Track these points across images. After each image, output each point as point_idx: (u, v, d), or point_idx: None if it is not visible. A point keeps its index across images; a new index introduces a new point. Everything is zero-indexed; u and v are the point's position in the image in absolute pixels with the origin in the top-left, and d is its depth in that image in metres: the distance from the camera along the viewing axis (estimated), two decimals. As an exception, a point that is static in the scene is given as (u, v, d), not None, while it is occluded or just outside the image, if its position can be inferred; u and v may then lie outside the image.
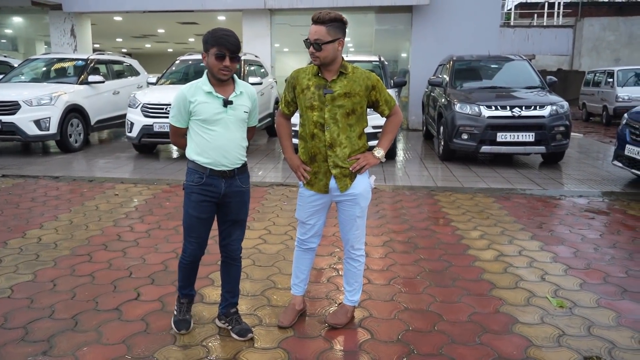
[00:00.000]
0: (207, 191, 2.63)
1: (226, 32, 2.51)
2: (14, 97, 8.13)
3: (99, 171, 7.31)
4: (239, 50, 2.53)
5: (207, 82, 2.58)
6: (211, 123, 2.57)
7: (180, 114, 2.61)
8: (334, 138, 2.65)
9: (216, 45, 2.48)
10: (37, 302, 3.21)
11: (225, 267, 2.87)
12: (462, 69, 9.15)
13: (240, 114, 2.63)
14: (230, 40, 2.49)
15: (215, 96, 2.56)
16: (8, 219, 4.96)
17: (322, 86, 2.64)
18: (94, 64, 9.82)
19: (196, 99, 2.56)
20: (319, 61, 2.60)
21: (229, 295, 2.88)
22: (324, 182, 2.74)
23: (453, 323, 2.98)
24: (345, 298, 2.99)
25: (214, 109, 2.56)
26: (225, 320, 2.87)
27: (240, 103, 2.63)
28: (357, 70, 2.69)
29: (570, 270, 3.79)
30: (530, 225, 4.88)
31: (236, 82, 2.66)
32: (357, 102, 2.65)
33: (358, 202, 2.76)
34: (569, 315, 3.08)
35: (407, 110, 12.96)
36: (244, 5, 12.31)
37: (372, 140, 7.71)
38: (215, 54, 2.48)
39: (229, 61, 2.50)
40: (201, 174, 2.61)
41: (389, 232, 4.67)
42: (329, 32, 2.53)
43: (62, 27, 13.35)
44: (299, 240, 2.95)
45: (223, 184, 2.64)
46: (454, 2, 12.25)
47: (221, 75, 2.53)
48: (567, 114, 7.57)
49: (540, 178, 6.98)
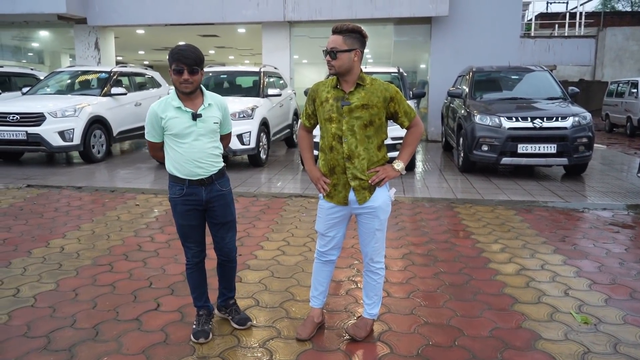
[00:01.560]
0: (190, 200, 2.75)
1: (182, 47, 2.60)
2: (40, 109, 8.33)
3: (120, 182, 7.42)
4: (197, 63, 2.61)
5: (175, 97, 2.69)
6: (182, 137, 2.67)
7: (154, 129, 2.71)
8: (351, 150, 2.64)
9: (174, 61, 2.58)
10: (59, 311, 3.25)
11: (222, 268, 3.02)
12: (482, 80, 9.09)
13: (210, 126, 2.72)
14: (186, 54, 2.58)
15: (184, 110, 2.66)
16: (32, 228, 5.06)
17: (340, 98, 2.64)
18: (116, 76, 10.02)
19: (166, 114, 2.66)
20: (334, 70, 2.61)
21: (226, 291, 3.06)
22: (343, 194, 2.73)
23: (474, 338, 2.93)
24: (365, 311, 2.96)
25: (184, 123, 2.66)
26: (225, 311, 3.07)
27: (210, 115, 2.72)
28: (375, 82, 2.68)
29: (595, 285, 3.71)
30: (553, 239, 4.79)
31: (204, 94, 2.75)
32: (375, 113, 2.63)
33: (377, 215, 2.74)
34: (594, 332, 3.00)
35: (426, 122, 12.90)
36: (264, 18, 12.45)
37: (392, 151, 7.71)
38: (174, 69, 2.59)
39: (187, 74, 2.58)
40: (181, 185, 2.74)
41: (409, 244, 4.63)
42: (345, 42, 2.56)
43: (87, 40, 13.67)
44: (319, 252, 2.94)
45: (203, 191, 2.76)
46: (474, 13, 12.22)
47: (183, 89, 2.62)
48: (590, 125, 7.45)
49: (563, 190, 6.87)
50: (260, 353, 2.76)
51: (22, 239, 4.72)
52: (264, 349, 2.80)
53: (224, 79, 10.20)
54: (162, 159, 2.85)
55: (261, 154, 8.60)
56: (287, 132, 10.52)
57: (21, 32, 16.28)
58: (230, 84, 10.11)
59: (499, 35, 12.16)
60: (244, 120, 8.04)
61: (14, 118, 8.24)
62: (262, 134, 8.54)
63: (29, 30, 15.79)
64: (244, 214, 5.62)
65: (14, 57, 17.75)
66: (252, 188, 6.92)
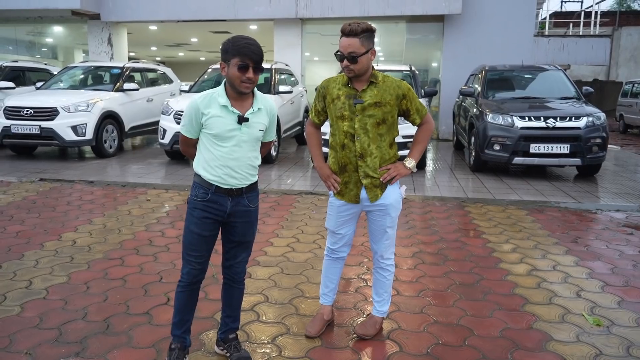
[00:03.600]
0: (212, 208, 2.41)
1: (249, 41, 2.28)
2: (53, 104, 8.41)
3: (131, 177, 7.47)
4: (262, 61, 2.33)
5: (224, 93, 2.35)
6: (222, 139, 2.35)
7: (192, 124, 2.39)
8: (364, 148, 2.63)
9: (238, 55, 2.25)
10: (71, 303, 3.28)
11: (228, 290, 2.64)
12: (495, 78, 9.02)
13: (255, 132, 2.41)
14: (254, 50, 2.27)
15: (231, 111, 2.34)
16: (45, 221, 5.11)
17: (353, 96, 2.62)
18: (129, 72, 10.08)
19: (209, 111, 2.34)
20: (353, 74, 2.56)
21: (230, 320, 2.66)
22: (354, 192, 2.72)
23: (484, 338, 2.91)
24: (374, 309, 2.96)
25: (227, 125, 2.34)
26: (223, 347, 2.67)
27: (257, 120, 2.41)
28: (387, 79, 2.66)
29: (608, 287, 3.66)
30: (565, 240, 4.74)
31: (255, 96, 2.43)
32: (388, 111, 2.62)
33: (389, 212, 2.73)
34: (607, 334, 2.97)
35: (438, 120, 12.84)
36: (276, 15, 12.46)
37: (402, 150, 7.68)
38: (238, 65, 2.25)
39: (252, 73, 2.27)
40: (206, 189, 2.40)
41: (419, 243, 4.61)
42: (362, 44, 2.50)
43: (100, 36, 13.77)
44: (329, 250, 2.93)
45: (229, 202, 2.42)
46: (487, 11, 12.13)
47: (243, 88, 2.30)
48: (604, 125, 7.37)
49: (575, 191, 6.80)
50: (269, 349, 2.76)
51: (34, 232, 4.77)
52: (273, 345, 2.81)
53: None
54: (192, 156, 2.53)
55: (272, 150, 8.60)
56: (298, 129, 10.52)
57: (35, 28, 16.43)
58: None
59: (512, 33, 12.06)
60: None
61: (27, 112, 8.33)
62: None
63: (43, 25, 15.94)
64: (254, 210, 5.63)
65: (28, 52, 17.94)
66: (262, 185, 6.93)
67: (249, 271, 3.86)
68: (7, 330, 2.92)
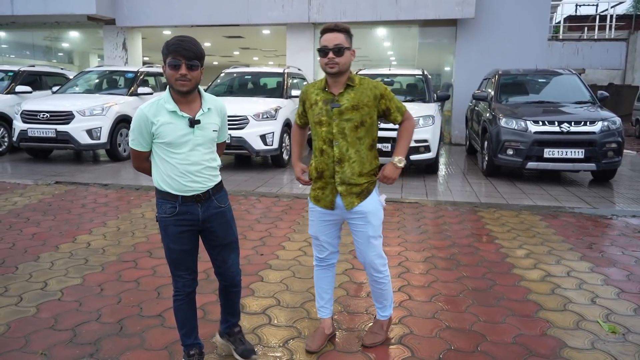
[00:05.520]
0: (184, 220, 2.35)
1: (182, 39, 2.24)
2: (69, 108, 8.53)
3: (145, 180, 7.52)
4: (197, 57, 2.24)
5: (169, 99, 2.29)
6: (177, 146, 2.28)
7: (142, 135, 2.30)
8: (342, 153, 2.59)
9: (170, 54, 2.21)
10: (85, 305, 3.32)
11: (226, 294, 2.64)
12: (508, 83, 8.96)
13: (209, 134, 2.35)
14: (185, 46, 2.21)
15: (180, 115, 2.28)
16: (60, 223, 5.17)
17: (329, 101, 2.60)
18: (143, 76, 10.19)
19: (158, 119, 2.26)
20: (337, 68, 2.53)
21: (230, 317, 2.70)
22: (330, 198, 2.67)
23: (497, 344, 2.89)
24: (378, 314, 2.94)
25: (179, 130, 2.27)
26: (228, 339, 2.72)
27: (209, 121, 2.35)
28: (364, 81, 2.64)
29: (623, 294, 3.61)
30: (580, 246, 4.69)
31: (203, 97, 2.38)
32: (366, 113, 2.59)
33: (369, 220, 2.66)
34: (622, 342, 2.92)
35: (450, 125, 12.78)
36: (288, 20, 12.51)
37: (414, 154, 7.66)
38: (170, 63, 2.21)
39: (185, 69, 2.20)
40: (173, 203, 2.34)
41: (431, 247, 4.59)
42: (346, 40, 2.55)
43: (115, 40, 13.95)
44: (318, 259, 2.86)
45: (199, 209, 2.37)
46: (500, 15, 12.06)
47: (179, 86, 2.24)
48: (620, 130, 7.28)
49: (590, 196, 6.72)
50: (280, 353, 2.76)
51: (50, 234, 4.83)
52: (285, 348, 2.81)
53: (248, 79, 10.28)
54: (147, 171, 2.45)
55: (284, 154, 8.63)
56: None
57: (52, 33, 16.70)
58: (254, 85, 10.18)
59: (526, 37, 11.97)
60: (267, 120, 8.09)
61: (44, 116, 8.46)
62: (285, 135, 8.57)
63: (59, 30, 16.19)
64: (266, 214, 5.65)
65: (45, 57, 18.22)
66: (274, 189, 6.95)
67: (261, 275, 3.87)
68: (23, 331, 2.96)
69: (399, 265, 4.13)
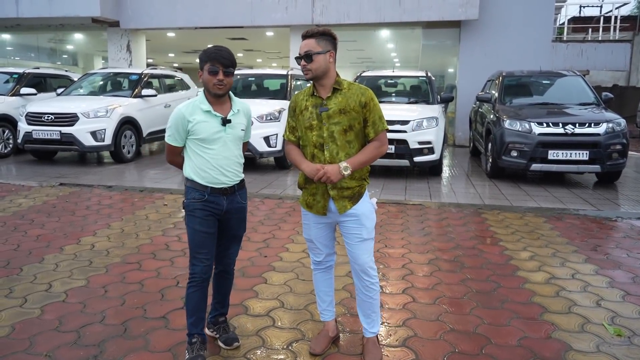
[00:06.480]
0: (210, 207, 2.62)
1: (219, 48, 2.54)
2: (73, 110, 8.57)
3: (149, 182, 7.55)
4: (232, 65, 2.55)
5: (204, 100, 2.59)
6: (210, 142, 2.57)
7: (179, 132, 2.59)
8: (333, 157, 2.57)
9: (209, 61, 2.51)
10: (89, 307, 3.32)
11: (219, 279, 2.86)
12: (512, 84, 8.94)
13: (237, 132, 2.65)
14: (223, 55, 2.52)
15: (214, 115, 2.58)
16: (64, 225, 5.19)
17: (318, 105, 2.59)
18: (147, 78, 10.22)
19: (194, 118, 2.55)
20: (311, 74, 2.54)
21: (219, 306, 2.91)
22: (322, 203, 2.65)
23: (501, 347, 2.88)
24: (365, 331, 2.78)
25: (213, 128, 2.57)
26: (213, 329, 2.90)
27: (238, 121, 2.65)
28: (352, 86, 2.62)
29: (629, 296, 3.59)
30: (584, 248, 4.67)
31: (232, 100, 2.68)
32: (354, 117, 2.56)
33: (362, 222, 2.64)
34: (628, 345, 2.91)
35: (454, 126, 12.78)
36: (292, 21, 12.53)
37: (418, 156, 7.65)
38: (209, 69, 2.51)
39: (222, 75, 2.51)
40: (202, 192, 2.61)
41: (435, 250, 4.58)
42: (318, 44, 2.53)
43: (119, 42, 14.00)
44: (316, 263, 2.86)
45: (224, 200, 2.64)
46: (504, 16, 12.05)
47: (216, 90, 2.53)
48: (624, 131, 7.25)
49: (595, 198, 6.69)
50: (284, 355, 2.76)
51: (54, 235, 4.84)
52: (289, 350, 2.81)
53: (252, 81, 10.29)
54: (179, 165, 2.75)
55: (287, 156, 8.62)
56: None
57: (56, 35, 16.78)
58: (257, 87, 10.19)
59: (530, 39, 11.96)
60: (271, 122, 8.09)
61: (48, 118, 8.49)
62: None
63: (64, 33, 16.26)
64: (269, 215, 5.65)
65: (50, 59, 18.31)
66: (278, 190, 6.95)
67: (264, 277, 3.87)
68: (28, 332, 2.97)
69: (402, 267, 4.12)
